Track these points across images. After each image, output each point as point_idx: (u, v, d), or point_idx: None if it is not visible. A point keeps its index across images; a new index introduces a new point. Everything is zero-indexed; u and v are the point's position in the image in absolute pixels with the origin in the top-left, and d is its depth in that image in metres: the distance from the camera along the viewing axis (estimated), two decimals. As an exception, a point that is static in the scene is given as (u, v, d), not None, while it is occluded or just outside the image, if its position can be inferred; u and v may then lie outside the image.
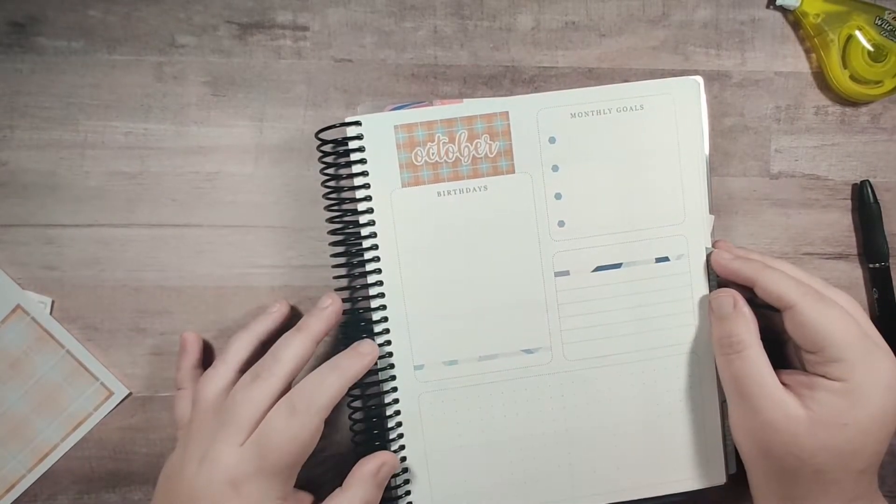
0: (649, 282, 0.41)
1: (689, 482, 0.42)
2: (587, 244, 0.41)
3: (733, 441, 0.39)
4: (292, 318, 0.43)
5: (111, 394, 0.43)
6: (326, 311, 0.39)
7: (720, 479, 0.42)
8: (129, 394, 0.43)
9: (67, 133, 0.43)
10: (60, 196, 0.43)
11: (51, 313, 0.43)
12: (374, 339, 0.40)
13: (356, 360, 0.38)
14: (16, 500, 0.43)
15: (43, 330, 0.43)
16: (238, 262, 0.43)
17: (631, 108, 0.40)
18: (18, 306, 0.42)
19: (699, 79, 0.40)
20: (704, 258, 0.41)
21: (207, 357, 0.43)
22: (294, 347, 0.38)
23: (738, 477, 0.42)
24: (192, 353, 0.42)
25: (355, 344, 0.39)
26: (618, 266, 0.41)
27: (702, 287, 0.41)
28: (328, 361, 0.38)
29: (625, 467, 0.42)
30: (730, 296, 0.39)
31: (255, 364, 0.38)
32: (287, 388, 0.37)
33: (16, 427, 0.43)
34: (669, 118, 0.40)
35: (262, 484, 0.35)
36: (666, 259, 0.41)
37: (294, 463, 0.36)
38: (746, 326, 0.38)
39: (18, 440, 0.43)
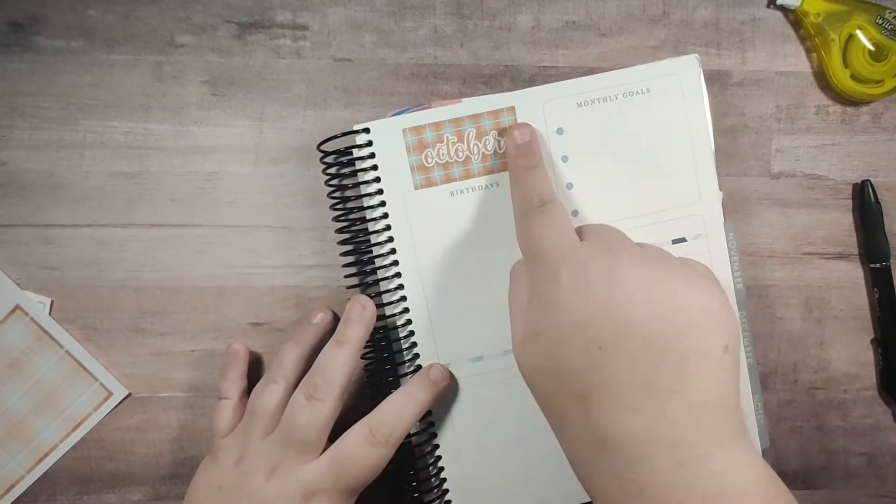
0: None
1: None
2: None
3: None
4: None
5: (111, 394, 0.43)
6: (366, 317, 0.39)
7: None
8: (129, 394, 0.43)
9: (67, 133, 0.43)
10: (60, 196, 0.43)
11: (50, 313, 0.43)
12: (399, 343, 0.40)
13: (429, 388, 0.39)
14: (16, 500, 0.43)
15: (42, 330, 0.42)
16: (238, 262, 0.43)
17: (637, 91, 0.40)
18: (18, 306, 0.42)
19: (697, 56, 0.40)
20: (723, 236, 0.41)
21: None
22: (341, 365, 0.38)
23: (772, 452, 0.43)
24: (240, 365, 0.42)
25: (425, 370, 0.39)
26: None
27: (724, 266, 0.41)
28: (403, 388, 0.39)
29: None
30: (527, 131, 0.37)
31: (305, 381, 0.38)
32: (341, 401, 0.38)
33: (15, 427, 0.43)
34: (677, 98, 0.40)
35: (333, 499, 0.37)
36: (683, 240, 0.41)
37: (364, 485, 0.38)
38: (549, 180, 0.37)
39: (18, 440, 0.43)
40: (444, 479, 0.41)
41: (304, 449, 0.37)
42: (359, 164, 0.40)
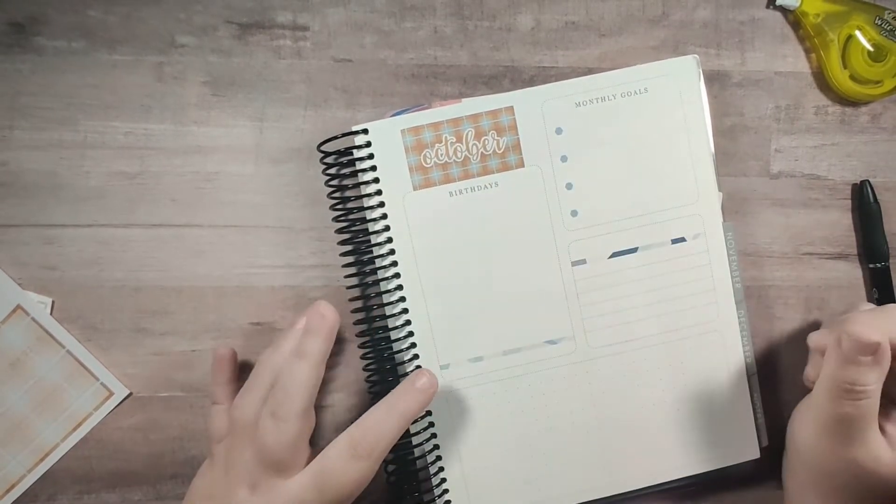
0: (667, 263, 0.41)
1: (723, 458, 0.42)
2: (602, 231, 0.41)
3: (791, 436, 0.39)
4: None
5: (111, 394, 0.43)
6: (325, 327, 0.36)
7: (754, 453, 0.43)
8: (130, 394, 0.43)
9: (68, 133, 0.43)
10: (61, 196, 0.43)
11: (51, 313, 0.43)
12: (399, 343, 0.40)
13: (414, 397, 0.37)
14: (16, 500, 0.43)
15: (43, 330, 0.43)
16: (238, 262, 0.43)
17: (635, 91, 0.40)
18: (18, 306, 0.42)
19: (696, 56, 0.41)
20: (722, 235, 0.41)
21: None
22: (302, 380, 0.36)
23: (771, 450, 0.43)
24: (227, 370, 0.41)
25: (412, 377, 0.37)
26: (634, 251, 0.41)
27: (722, 264, 0.41)
28: (387, 399, 0.37)
29: (658, 450, 0.42)
30: (871, 345, 0.34)
31: (271, 396, 0.36)
32: (309, 414, 0.37)
33: (16, 427, 0.43)
34: (675, 98, 0.40)
35: None
36: (682, 240, 0.41)
37: (350, 498, 0.37)
38: (878, 377, 0.34)
39: (18, 440, 0.43)
40: (444, 479, 0.41)
41: (280, 467, 0.36)
42: (358, 165, 0.40)
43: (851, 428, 0.35)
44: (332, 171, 0.40)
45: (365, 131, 0.39)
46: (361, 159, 0.40)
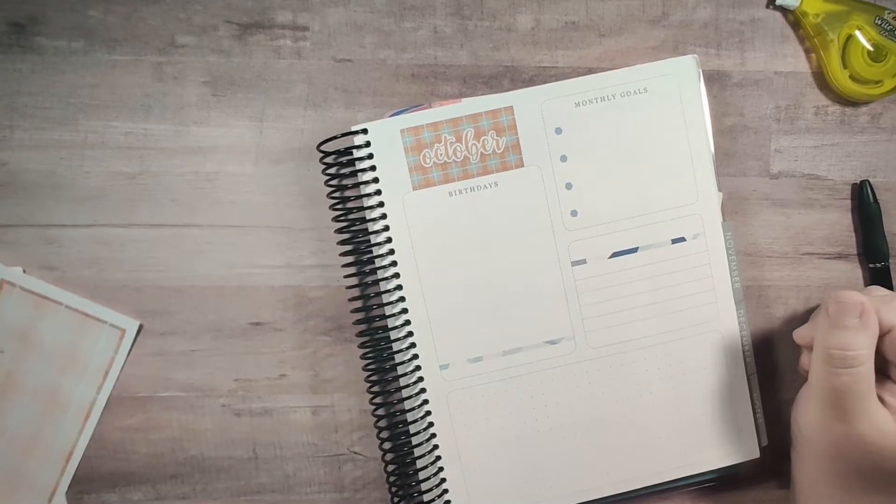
0: (667, 263, 0.41)
1: (723, 458, 0.43)
2: (602, 231, 0.41)
3: (797, 426, 0.39)
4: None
5: (124, 331, 0.43)
6: None
7: (754, 452, 0.43)
8: (141, 325, 0.43)
9: (67, 133, 0.43)
10: (60, 196, 0.43)
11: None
12: (399, 343, 0.40)
13: None
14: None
15: (36, 295, 0.42)
16: (238, 262, 0.43)
17: (635, 91, 0.40)
18: (3, 281, 0.42)
19: (695, 56, 0.41)
20: (721, 235, 0.41)
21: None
22: None
23: (770, 450, 0.43)
24: None
25: None
26: (634, 250, 0.41)
27: (721, 264, 0.41)
28: None
29: (658, 449, 0.42)
30: (857, 304, 0.35)
31: None
32: None
33: (51, 395, 0.42)
34: (674, 98, 0.40)
35: None
36: (682, 239, 0.41)
37: None
38: (868, 342, 0.35)
39: (58, 407, 0.42)
40: (444, 479, 0.41)
41: None
42: (358, 165, 0.40)
43: (850, 399, 0.35)
44: (332, 171, 0.40)
45: (364, 131, 0.40)
46: (361, 159, 0.40)
